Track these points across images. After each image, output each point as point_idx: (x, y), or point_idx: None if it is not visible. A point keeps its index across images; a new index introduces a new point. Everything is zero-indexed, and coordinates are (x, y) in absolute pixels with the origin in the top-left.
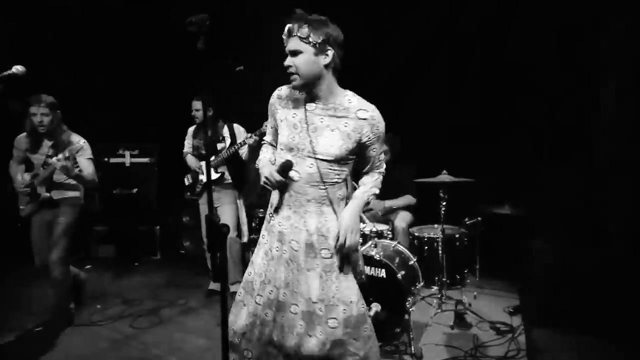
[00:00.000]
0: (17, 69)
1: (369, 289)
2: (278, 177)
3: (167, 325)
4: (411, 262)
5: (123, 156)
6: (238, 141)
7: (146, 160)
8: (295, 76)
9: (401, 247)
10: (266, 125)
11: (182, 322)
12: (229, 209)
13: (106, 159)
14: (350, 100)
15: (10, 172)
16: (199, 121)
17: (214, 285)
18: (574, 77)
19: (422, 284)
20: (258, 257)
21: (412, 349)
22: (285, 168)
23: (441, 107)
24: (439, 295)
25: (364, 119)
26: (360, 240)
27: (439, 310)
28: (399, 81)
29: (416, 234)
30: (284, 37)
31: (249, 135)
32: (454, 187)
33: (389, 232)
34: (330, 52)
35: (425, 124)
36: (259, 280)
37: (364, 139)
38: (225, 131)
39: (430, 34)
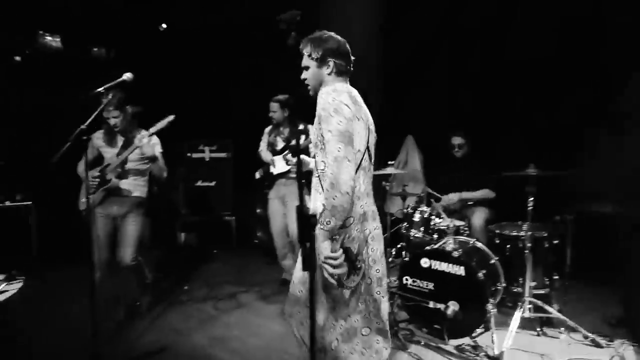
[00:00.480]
0: (127, 76)
1: (446, 287)
2: None
3: (246, 309)
4: (492, 261)
5: (203, 151)
6: None
7: (223, 155)
8: (309, 87)
9: (480, 244)
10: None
11: (259, 307)
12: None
13: (188, 154)
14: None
15: (78, 171)
16: (276, 122)
17: (287, 275)
18: None
19: (504, 284)
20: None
21: (494, 351)
22: None
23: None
24: (524, 298)
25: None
26: (436, 237)
27: (524, 314)
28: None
29: (497, 232)
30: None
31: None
32: (542, 181)
33: (465, 228)
34: (331, 62)
35: (510, 115)
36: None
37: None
38: (306, 127)
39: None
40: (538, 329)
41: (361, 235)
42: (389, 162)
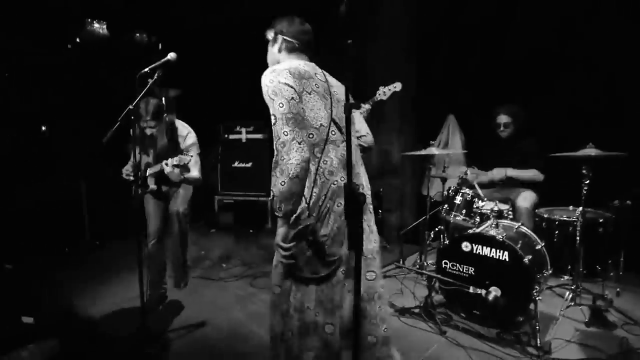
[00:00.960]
0: (171, 55)
1: (488, 272)
2: None
3: None
4: (538, 247)
5: (240, 133)
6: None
7: (259, 136)
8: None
9: (525, 229)
10: (379, 94)
11: None
12: None
13: (226, 136)
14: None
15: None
16: None
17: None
18: None
19: (550, 271)
20: None
21: (538, 341)
22: None
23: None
24: (572, 287)
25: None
26: (478, 220)
27: (572, 304)
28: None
29: (545, 216)
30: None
31: (362, 107)
32: (599, 163)
33: (509, 212)
34: (279, 38)
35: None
36: None
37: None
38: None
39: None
40: (587, 320)
41: (338, 211)
42: (431, 142)
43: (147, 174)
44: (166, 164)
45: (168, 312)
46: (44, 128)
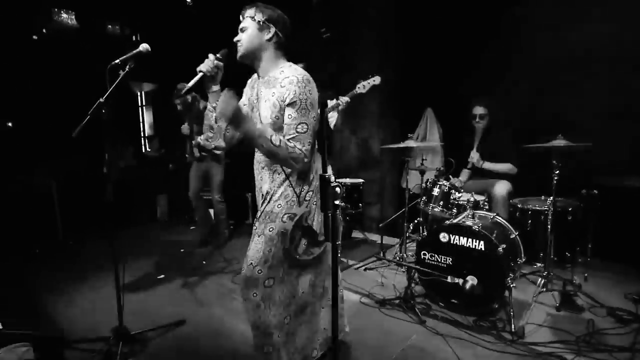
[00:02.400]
0: (144, 47)
1: (465, 261)
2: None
3: None
4: (512, 236)
5: None
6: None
7: None
8: (240, 48)
9: (500, 218)
10: (358, 87)
11: None
12: None
13: None
14: (282, 71)
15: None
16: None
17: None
18: None
19: (523, 259)
20: None
21: (513, 327)
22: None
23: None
24: (544, 273)
25: (284, 85)
26: (455, 211)
27: (544, 290)
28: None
29: (519, 206)
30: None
31: (341, 98)
32: (569, 154)
33: (485, 203)
34: (272, 29)
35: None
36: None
37: (285, 102)
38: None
39: None
40: (557, 304)
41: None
42: (409, 135)
43: (195, 145)
44: (201, 139)
45: (146, 310)
46: (9, 124)
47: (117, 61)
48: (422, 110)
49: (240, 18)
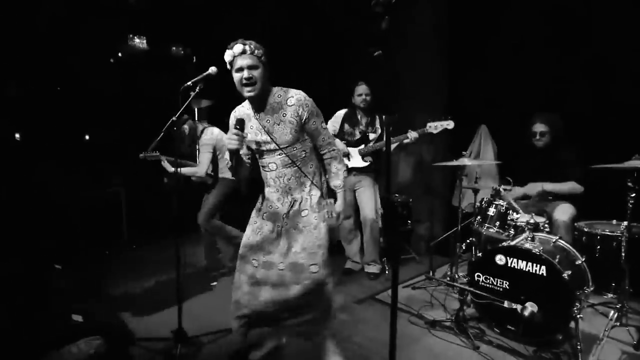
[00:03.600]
0: (212, 69)
1: (524, 286)
2: (234, 131)
3: None
4: (578, 262)
5: None
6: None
7: None
8: (256, 86)
9: (563, 242)
10: (429, 127)
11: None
12: (369, 192)
13: None
14: (279, 95)
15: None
16: (364, 106)
17: (350, 264)
18: None
19: (592, 288)
20: (246, 237)
21: None
22: (240, 123)
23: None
24: (617, 306)
25: (293, 104)
26: (512, 233)
27: (617, 324)
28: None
29: (586, 230)
30: (231, 55)
31: (410, 133)
32: None
33: (546, 225)
34: (268, 68)
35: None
36: (249, 252)
37: (302, 118)
38: (377, 121)
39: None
40: (636, 342)
41: None
42: (462, 153)
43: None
44: (164, 161)
45: (201, 316)
46: (87, 137)
47: (189, 83)
48: (476, 127)
49: (234, 55)
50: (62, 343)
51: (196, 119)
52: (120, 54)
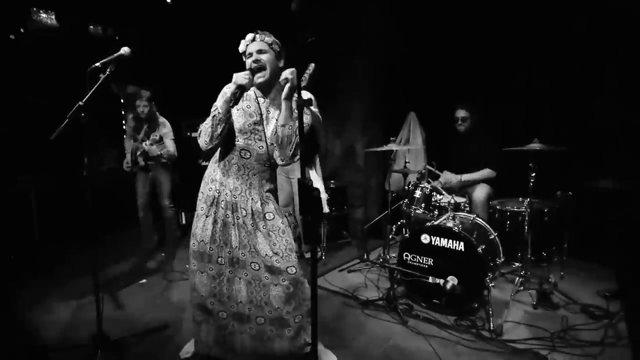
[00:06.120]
0: (125, 50)
1: (446, 262)
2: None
3: None
4: (492, 237)
5: None
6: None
7: None
8: (265, 71)
9: (480, 220)
10: (311, 68)
11: None
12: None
13: (188, 134)
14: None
15: (124, 144)
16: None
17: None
18: None
19: (502, 259)
20: (199, 229)
21: (491, 325)
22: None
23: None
24: (521, 273)
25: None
26: (436, 213)
27: (521, 288)
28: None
29: (498, 207)
30: (244, 44)
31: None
32: (545, 156)
33: (466, 205)
34: (283, 61)
35: (512, 89)
36: (213, 246)
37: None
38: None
39: None
40: (534, 303)
41: None
42: (391, 139)
43: (137, 154)
44: (145, 144)
45: (129, 316)
46: None
47: (97, 64)
48: (405, 114)
49: (246, 43)
50: None
51: (123, 106)
52: (22, 30)
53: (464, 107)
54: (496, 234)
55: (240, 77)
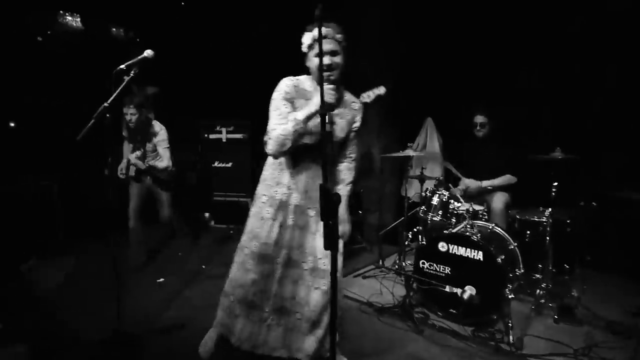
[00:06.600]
0: (148, 52)
1: (463, 271)
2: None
3: None
4: (511, 247)
5: (220, 132)
6: None
7: (240, 136)
8: (336, 71)
9: (499, 229)
10: (363, 97)
11: None
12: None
13: (206, 135)
14: (345, 91)
15: (123, 149)
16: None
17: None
18: None
19: (522, 270)
20: (264, 231)
21: (511, 338)
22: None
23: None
24: (542, 285)
25: (356, 108)
26: (454, 221)
27: (542, 301)
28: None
29: (518, 217)
30: (312, 39)
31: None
32: (568, 165)
33: (484, 213)
34: (345, 53)
35: (535, 97)
36: (275, 249)
37: (354, 125)
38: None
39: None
40: (555, 317)
41: None
42: (408, 145)
43: (131, 164)
44: (135, 156)
45: (146, 314)
46: (12, 124)
47: (122, 66)
48: (422, 119)
49: (317, 36)
50: None
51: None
52: (48, 32)
53: (482, 112)
54: (516, 244)
55: (328, 96)
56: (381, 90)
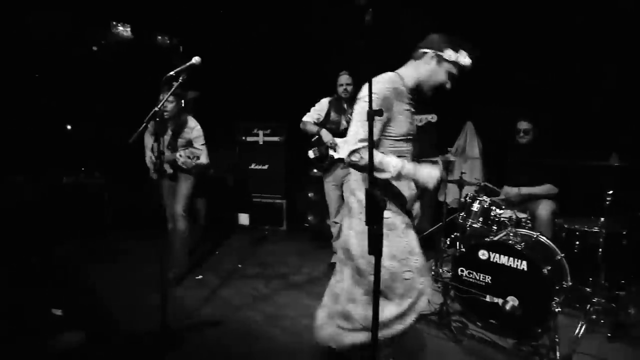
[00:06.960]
0: (196, 59)
1: (505, 281)
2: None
3: (296, 290)
4: (558, 257)
5: (257, 135)
6: None
7: (276, 139)
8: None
9: (544, 238)
10: (434, 117)
11: (309, 289)
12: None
13: (243, 138)
14: None
15: (145, 142)
16: (345, 96)
17: (336, 259)
18: None
19: (570, 283)
20: (414, 241)
21: (558, 354)
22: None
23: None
24: (593, 300)
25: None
26: (495, 228)
27: (594, 317)
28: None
29: (565, 226)
30: (468, 59)
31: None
32: (625, 173)
33: (528, 221)
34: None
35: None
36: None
37: None
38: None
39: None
40: (609, 334)
41: None
42: (448, 149)
43: (165, 161)
44: (180, 155)
45: (185, 309)
46: (69, 127)
47: (172, 73)
48: (462, 123)
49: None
50: (40, 337)
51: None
52: (103, 42)
53: (526, 118)
54: (563, 255)
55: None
56: (433, 117)
